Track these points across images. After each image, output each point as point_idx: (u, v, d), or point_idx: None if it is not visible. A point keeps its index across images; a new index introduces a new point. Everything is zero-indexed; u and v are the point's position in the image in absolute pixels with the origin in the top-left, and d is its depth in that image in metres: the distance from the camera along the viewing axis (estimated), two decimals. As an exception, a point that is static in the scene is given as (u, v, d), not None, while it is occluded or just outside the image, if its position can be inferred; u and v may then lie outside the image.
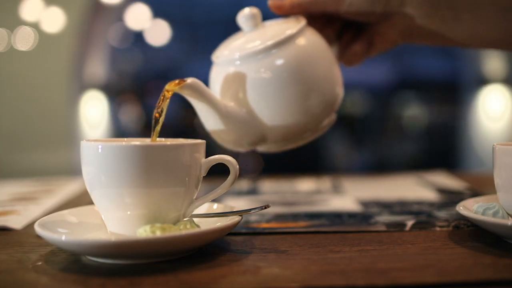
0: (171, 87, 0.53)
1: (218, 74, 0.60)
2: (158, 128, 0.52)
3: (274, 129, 0.59)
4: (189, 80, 0.53)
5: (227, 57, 0.59)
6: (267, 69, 0.57)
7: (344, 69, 0.69)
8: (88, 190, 0.49)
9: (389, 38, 0.67)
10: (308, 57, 0.58)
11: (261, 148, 0.63)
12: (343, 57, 0.67)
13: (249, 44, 0.59)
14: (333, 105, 0.62)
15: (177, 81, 0.53)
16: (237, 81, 0.58)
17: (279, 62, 0.57)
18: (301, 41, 0.59)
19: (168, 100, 0.53)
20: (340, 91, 0.62)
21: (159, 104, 0.52)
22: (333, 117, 0.64)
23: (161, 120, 0.52)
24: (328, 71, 0.60)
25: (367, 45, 0.67)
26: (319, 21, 0.65)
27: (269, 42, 0.57)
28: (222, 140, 0.60)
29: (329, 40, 0.65)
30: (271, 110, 0.57)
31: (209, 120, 0.58)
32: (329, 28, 0.66)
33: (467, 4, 0.62)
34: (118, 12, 3.73)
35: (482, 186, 0.84)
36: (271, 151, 0.64)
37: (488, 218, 0.48)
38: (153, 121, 0.52)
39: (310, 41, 0.59)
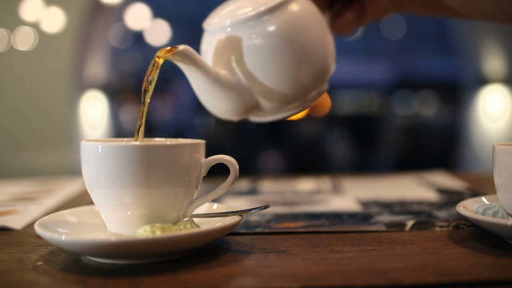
0: (162, 54, 0.51)
1: (209, 42, 0.59)
2: (148, 99, 0.51)
3: (265, 97, 0.58)
4: (181, 47, 0.52)
5: (218, 25, 0.58)
6: (258, 35, 0.56)
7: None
8: (88, 190, 0.49)
9: (380, 6, 0.66)
10: (300, 23, 0.57)
11: (253, 118, 0.63)
12: (335, 26, 0.67)
13: (240, 11, 0.58)
14: (324, 75, 0.61)
15: (168, 48, 0.52)
16: (229, 48, 0.57)
17: (271, 28, 0.56)
18: (294, 7, 0.58)
19: (158, 69, 0.51)
20: (332, 61, 0.62)
21: (149, 73, 0.51)
22: (324, 87, 0.63)
23: (151, 89, 0.51)
24: (320, 39, 0.59)
25: (359, 13, 0.66)
26: None
27: (261, 8, 0.56)
28: (215, 109, 0.60)
29: (321, 8, 0.64)
30: (263, 77, 0.57)
31: (201, 89, 0.57)
32: None
33: None
34: (118, 12, 3.73)
35: (482, 186, 0.84)
36: (262, 120, 0.63)
37: (488, 218, 0.48)
38: (142, 91, 0.51)
39: (303, 7, 0.59)
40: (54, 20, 3.20)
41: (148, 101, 0.51)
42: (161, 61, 0.52)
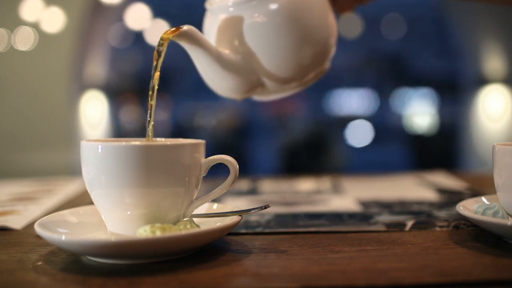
0: (167, 35, 0.52)
1: (212, 21, 0.59)
2: (156, 87, 0.50)
3: (268, 75, 0.58)
4: (185, 27, 0.52)
5: (220, 4, 0.58)
6: (261, 14, 0.57)
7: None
8: (88, 190, 0.49)
9: None
10: (303, 3, 0.58)
11: (256, 97, 0.63)
12: (335, 4, 0.66)
13: None
14: (326, 55, 0.61)
15: (173, 29, 0.52)
16: (231, 27, 0.57)
17: (273, 7, 0.56)
18: None
19: (164, 50, 0.51)
20: (333, 41, 0.62)
21: (158, 50, 0.51)
22: (326, 67, 0.63)
23: (157, 76, 0.51)
24: (323, 19, 0.59)
25: None
26: None
27: None
28: (219, 88, 0.60)
29: None
30: (265, 56, 0.57)
31: (205, 68, 0.58)
32: None
33: None
34: (118, 12, 3.73)
35: (482, 186, 0.84)
36: (264, 99, 0.64)
37: (488, 218, 0.48)
38: (152, 77, 0.51)
39: None
40: (54, 20, 3.20)
41: (157, 88, 0.51)
42: (166, 43, 0.51)
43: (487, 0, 0.69)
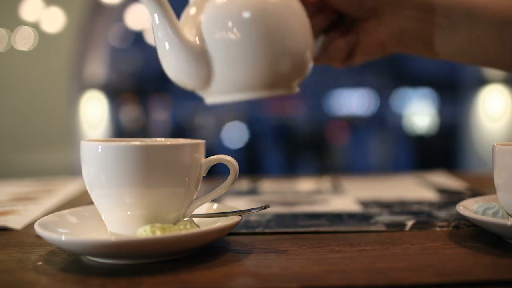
0: None
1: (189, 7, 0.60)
2: None
3: (223, 76, 0.56)
4: None
5: None
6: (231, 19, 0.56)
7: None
8: (88, 190, 0.49)
9: (377, 40, 0.64)
10: (275, 9, 0.56)
11: (203, 93, 0.60)
12: (326, 52, 0.65)
13: None
14: (299, 69, 0.59)
15: None
16: (198, 10, 0.57)
17: (246, 15, 0.55)
18: None
19: None
20: (308, 65, 0.60)
21: None
22: (294, 90, 0.61)
23: None
24: (296, 28, 0.57)
25: (352, 42, 0.65)
26: (311, 7, 0.63)
27: None
28: (167, 67, 0.58)
29: (316, 30, 0.63)
30: (225, 54, 0.55)
31: (161, 40, 0.56)
32: (319, 17, 0.64)
33: (463, 14, 0.61)
34: (118, 12, 3.73)
35: (482, 186, 0.84)
36: (215, 101, 0.60)
37: (488, 218, 0.48)
38: None
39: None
40: (54, 20, 3.21)
41: None
42: None
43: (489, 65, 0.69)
